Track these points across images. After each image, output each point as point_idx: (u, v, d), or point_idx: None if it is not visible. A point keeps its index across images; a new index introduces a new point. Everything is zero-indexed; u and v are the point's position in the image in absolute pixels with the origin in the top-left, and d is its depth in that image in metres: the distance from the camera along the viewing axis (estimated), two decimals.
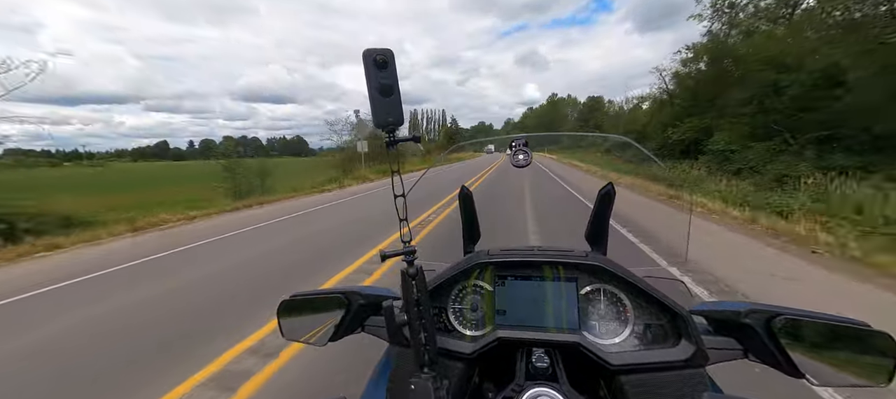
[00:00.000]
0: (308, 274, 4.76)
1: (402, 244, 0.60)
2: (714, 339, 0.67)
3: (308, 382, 2.43)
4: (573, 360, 0.69)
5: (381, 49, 0.55)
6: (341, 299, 0.75)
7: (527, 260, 0.76)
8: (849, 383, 0.58)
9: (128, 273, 5.19)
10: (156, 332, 3.26)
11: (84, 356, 2.93)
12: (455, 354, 0.71)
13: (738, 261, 4.93)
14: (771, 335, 0.60)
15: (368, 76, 0.55)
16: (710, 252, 5.05)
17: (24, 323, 3.66)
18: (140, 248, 6.65)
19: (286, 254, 5.86)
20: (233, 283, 4.53)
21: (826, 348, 0.59)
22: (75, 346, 3.13)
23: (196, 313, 3.67)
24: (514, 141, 0.79)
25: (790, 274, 4.34)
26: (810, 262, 4.79)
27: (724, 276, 4.18)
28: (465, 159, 42.56)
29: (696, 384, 0.63)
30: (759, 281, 4.13)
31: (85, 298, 4.22)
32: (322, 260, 5.34)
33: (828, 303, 3.48)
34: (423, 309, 0.60)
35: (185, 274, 4.99)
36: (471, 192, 0.97)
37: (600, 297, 0.73)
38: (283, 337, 0.80)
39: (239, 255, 5.85)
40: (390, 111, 0.56)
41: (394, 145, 0.59)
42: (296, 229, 7.74)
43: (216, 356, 2.76)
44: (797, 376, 0.59)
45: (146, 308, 3.86)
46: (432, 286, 0.76)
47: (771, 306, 0.62)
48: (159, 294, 4.24)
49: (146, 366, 2.72)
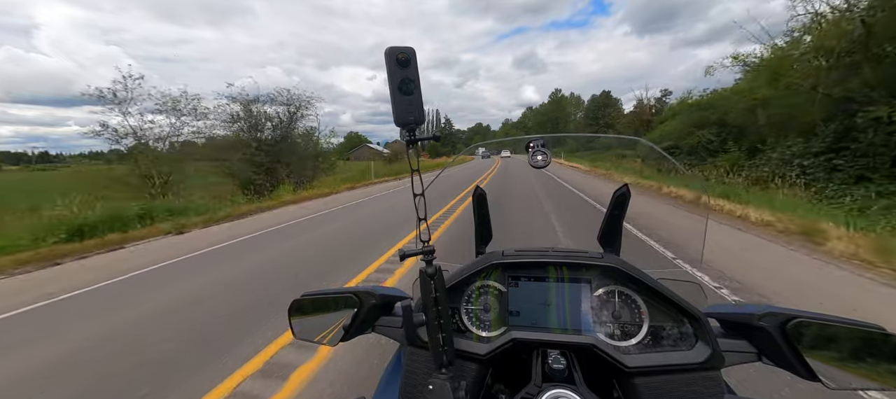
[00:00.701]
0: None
1: (422, 243, 0.60)
2: (728, 342, 0.67)
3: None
4: (587, 361, 0.69)
5: (403, 47, 0.55)
6: (353, 299, 0.75)
7: (541, 261, 0.76)
8: (866, 387, 0.58)
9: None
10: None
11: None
12: (469, 355, 0.71)
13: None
14: (785, 338, 0.60)
15: (391, 74, 0.55)
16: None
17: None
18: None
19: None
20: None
21: (842, 352, 0.58)
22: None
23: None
24: (531, 142, 0.79)
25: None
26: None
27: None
28: (444, 165, 38.61)
29: (712, 387, 0.63)
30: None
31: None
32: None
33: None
34: (442, 309, 0.60)
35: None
36: (485, 192, 0.97)
37: (614, 299, 0.73)
38: (295, 337, 0.80)
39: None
40: (411, 110, 0.56)
41: (415, 144, 0.59)
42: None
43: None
44: (812, 379, 0.59)
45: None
46: (447, 286, 0.76)
47: (786, 309, 0.62)
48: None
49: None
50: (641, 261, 0.86)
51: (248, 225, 8.19)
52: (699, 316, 0.67)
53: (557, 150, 43.05)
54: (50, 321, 3.55)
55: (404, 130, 0.57)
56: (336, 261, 4.95)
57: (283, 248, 5.82)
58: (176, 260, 5.51)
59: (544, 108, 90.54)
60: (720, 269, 3.97)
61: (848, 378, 0.58)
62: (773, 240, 5.36)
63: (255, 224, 8.22)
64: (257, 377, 2.37)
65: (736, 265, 4.16)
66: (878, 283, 3.71)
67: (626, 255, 0.88)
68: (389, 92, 0.55)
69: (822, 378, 0.58)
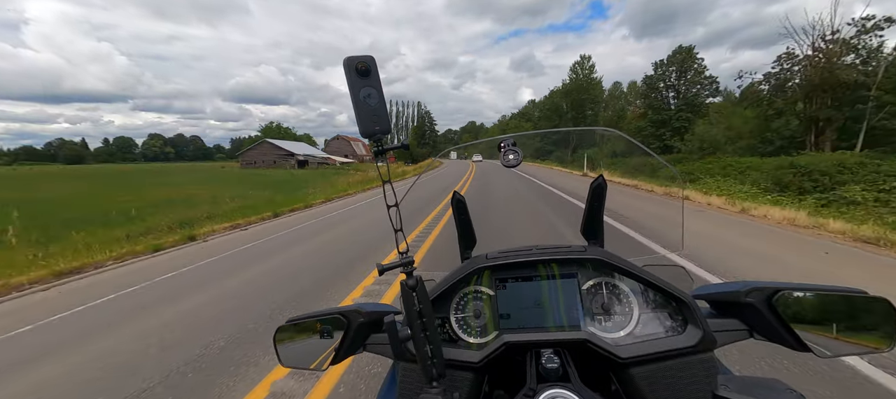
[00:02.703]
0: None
1: (399, 255, 0.59)
2: (719, 322, 0.67)
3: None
4: (582, 356, 0.68)
5: (362, 56, 0.54)
6: (340, 319, 0.73)
7: (525, 260, 0.75)
8: (854, 352, 0.58)
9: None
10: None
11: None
12: (462, 364, 0.69)
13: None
14: (773, 312, 0.60)
15: (351, 85, 0.54)
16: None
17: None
18: None
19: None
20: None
21: (828, 320, 0.59)
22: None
23: None
24: (502, 142, 0.78)
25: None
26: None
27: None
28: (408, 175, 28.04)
29: (708, 369, 0.63)
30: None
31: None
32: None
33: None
34: (427, 320, 0.58)
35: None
36: (463, 198, 0.96)
37: (602, 291, 0.73)
38: (281, 364, 0.77)
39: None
40: (376, 120, 0.55)
41: (383, 154, 0.57)
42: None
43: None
44: (803, 350, 0.59)
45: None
46: (432, 296, 0.74)
47: (770, 283, 0.63)
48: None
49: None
50: (626, 249, 0.85)
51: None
52: (687, 299, 0.67)
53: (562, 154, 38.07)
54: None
55: (371, 141, 0.56)
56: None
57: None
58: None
59: (568, 87, 52.63)
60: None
61: (837, 345, 0.58)
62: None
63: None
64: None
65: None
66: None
67: (610, 245, 0.88)
68: (352, 103, 0.54)
69: (813, 348, 0.58)
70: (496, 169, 25.44)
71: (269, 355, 2.74)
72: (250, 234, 8.31)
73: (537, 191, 12.65)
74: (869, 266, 4.53)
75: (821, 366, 2.27)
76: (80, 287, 5.15)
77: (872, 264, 4.59)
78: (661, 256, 1.08)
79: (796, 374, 2.24)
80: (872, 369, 2.27)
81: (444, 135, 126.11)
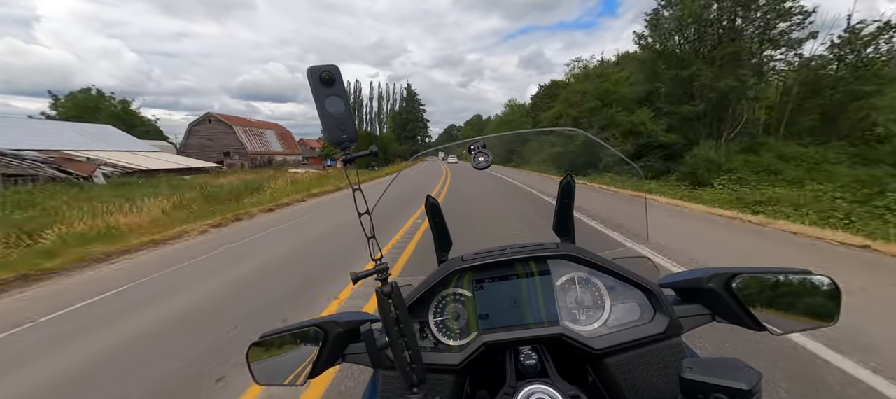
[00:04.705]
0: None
1: (373, 262, 0.58)
2: (684, 308, 0.71)
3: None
4: (559, 351, 0.70)
5: (325, 65, 0.54)
6: (316, 331, 0.71)
7: (500, 260, 0.77)
8: (805, 328, 0.63)
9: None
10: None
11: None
12: (443, 368, 0.69)
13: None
14: (732, 295, 0.65)
15: (316, 94, 0.54)
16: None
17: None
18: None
19: None
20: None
21: (780, 299, 0.64)
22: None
23: None
24: (472, 144, 0.80)
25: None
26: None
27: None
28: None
29: (675, 353, 0.66)
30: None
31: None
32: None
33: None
34: (404, 327, 0.58)
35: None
36: (438, 201, 0.97)
37: (575, 286, 0.75)
38: (256, 383, 0.74)
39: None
40: (343, 128, 0.54)
41: (351, 162, 0.57)
42: None
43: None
44: (760, 330, 0.64)
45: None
46: (410, 301, 0.74)
47: (728, 268, 0.67)
48: None
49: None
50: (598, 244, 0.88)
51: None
52: (654, 289, 0.70)
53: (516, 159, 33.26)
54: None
55: (339, 149, 0.55)
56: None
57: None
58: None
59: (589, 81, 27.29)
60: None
61: (789, 323, 0.63)
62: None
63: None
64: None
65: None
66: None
67: (581, 241, 0.91)
68: (317, 112, 0.54)
69: (768, 327, 0.63)
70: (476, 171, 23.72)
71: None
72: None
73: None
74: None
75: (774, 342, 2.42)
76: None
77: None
78: (629, 249, 1.12)
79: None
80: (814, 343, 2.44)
81: (446, 131, 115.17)
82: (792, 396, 2.01)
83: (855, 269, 4.09)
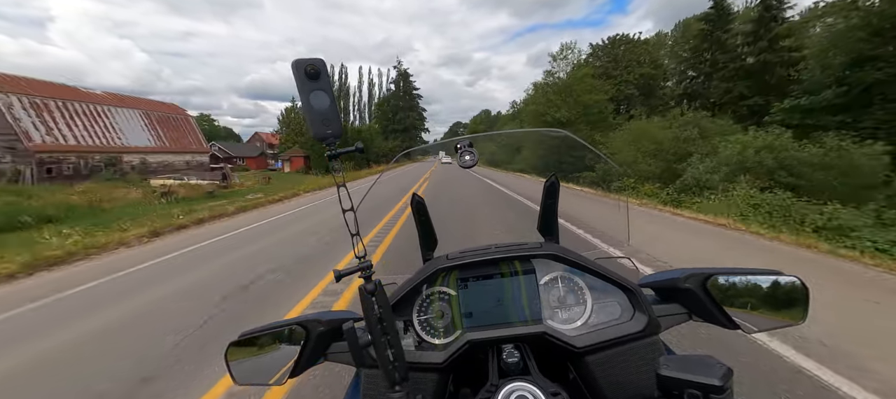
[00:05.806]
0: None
1: (357, 260, 0.58)
2: (662, 307, 0.73)
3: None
4: (541, 349, 0.71)
5: (311, 59, 0.53)
6: (298, 330, 0.70)
7: (485, 258, 0.77)
8: (775, 326, 0.66)
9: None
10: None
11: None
12: (426, 366, 0.69)
13: None
14: (708, 295, 0.67)
15: (301, 88, 0.53)
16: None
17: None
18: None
19: None
20: None
21: (752, 299, 0.66)
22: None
23: None
24: (459, 143, 0.80)
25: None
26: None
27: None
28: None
29: (653, 351, 0.68)
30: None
31: None
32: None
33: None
34: (387, 325, 0.58)
35: None
36: (423, 199, 0.96)
37: (558, 285, 0.76)
38: (236, 383, 0.73)
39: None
40: (328, 123, 0.54)
41: (336, 158, 0.56)
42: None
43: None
44: (733, 328, 0.66)
45: None
46: (394, 300, 0.74)
47: (704, 268, 0.69)
48: None
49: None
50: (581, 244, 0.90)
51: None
52: (634, 288, 0.72)
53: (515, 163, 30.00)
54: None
55: (324, 145, 0.54)
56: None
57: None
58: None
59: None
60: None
61: (760, 321, 0.66)
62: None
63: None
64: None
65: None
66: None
67: (564, 241, 0.92)
68: (302, 106, 0.53)
69: (741, 325, 0.65)
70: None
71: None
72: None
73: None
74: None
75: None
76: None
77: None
78: (610, 250, 1.15)
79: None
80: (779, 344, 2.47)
81: (451, 129, 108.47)
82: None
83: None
